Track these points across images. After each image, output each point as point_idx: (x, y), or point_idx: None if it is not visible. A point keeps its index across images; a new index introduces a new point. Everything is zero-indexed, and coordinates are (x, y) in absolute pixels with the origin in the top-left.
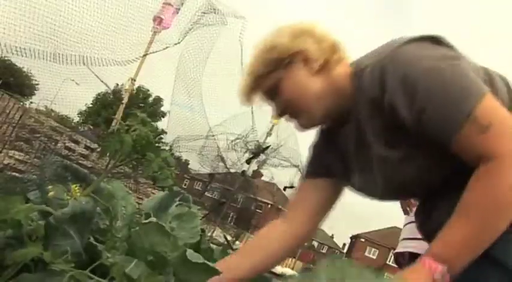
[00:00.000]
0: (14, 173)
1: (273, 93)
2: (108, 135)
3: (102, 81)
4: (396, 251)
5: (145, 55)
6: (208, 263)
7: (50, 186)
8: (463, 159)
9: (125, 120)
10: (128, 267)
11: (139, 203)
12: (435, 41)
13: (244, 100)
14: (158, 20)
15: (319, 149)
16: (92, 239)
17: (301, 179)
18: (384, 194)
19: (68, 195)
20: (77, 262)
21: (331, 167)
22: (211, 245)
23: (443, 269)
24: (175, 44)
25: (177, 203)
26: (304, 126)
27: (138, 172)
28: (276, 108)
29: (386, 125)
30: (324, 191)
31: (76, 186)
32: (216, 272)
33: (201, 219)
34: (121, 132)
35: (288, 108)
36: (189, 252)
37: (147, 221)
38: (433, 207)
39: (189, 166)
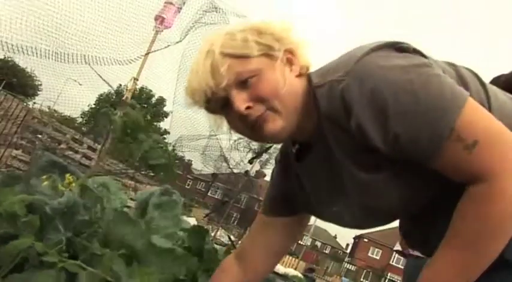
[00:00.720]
0: (15, 172)
1: (243, 82)
2: (97, 115)
3: (104, 80)
4: (395, 248)
5: (147, 54)
6: (175, 247)
7: (44, 176)
8: (449, 178)
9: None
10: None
11: (133, 200)
12: (398, 47)
13: (205, 84)
14: (160, 19)
15: (279, 181)
16: (71, 235)
17: (261, 212)
18: (361, 221)
19: (62, 184)
20: (67, 253)
21: (293, 200)
22: (215, 245)
23: None
24: (177, 42)
25: (159, 194)
26: (275, 130)
27: (137, 170)
28: (238, 105)
29: (357, 148)
30: (286, 230)
31: (70, 175)
32: (187, 258)
33: (203, 219)
34: (110, 113)
35: (256, 105)
36: (155, 238)
37: (113, 210)
38: (429, 227)
39: (192, 167)
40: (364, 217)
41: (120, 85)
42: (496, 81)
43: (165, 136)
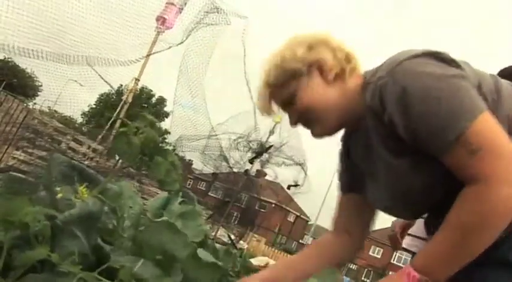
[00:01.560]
0: (18, 174)
1: (289, 103)
2: (116, 136)
3: (105, 81)
4: (402, 246)
5: (148, 55)
6: (216, 261)
7: (58, 188)
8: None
9: (129, 120)
10: (135, 267)
11: (144, 204)
12: (438, 57)
13: (263, 110)
14: (161, 20)
15: (344, 161)
16: (99, 240)
17: (339, 193)
18: (389, 204)
19: (76, 196)
20: (84, 263)
21: (356, 179)
22: (215, 244)
23: (421, 279)
24: (179, 43)
25: (181, 200)
26: (319, 135)
27: (142, 173)
28: (292, 117)
29: (390, 136)
30: (360, 205)
31: (83, 188)
32: (224, 271)
33: (206, 220)
34: (128, 134)
35: (303, 117)
36: (200, 251)
37: (157, 220)
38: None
39: (193, 166)
40: (391, 199)
41: (121, 85)
42: (503, 72)
43: (165, 136)
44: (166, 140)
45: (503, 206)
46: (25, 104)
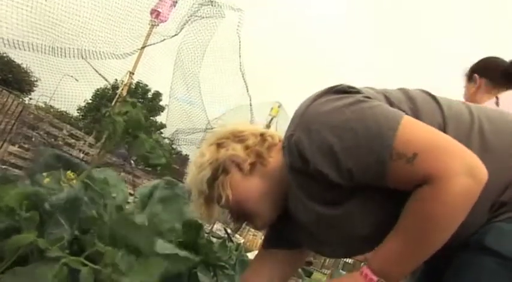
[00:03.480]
0: (13, 169)
1: (221, 204)
2: (101, 118)
3: (100, 75)
4: None
5: (143, 48)
6: (178, 252)
7: (45, 173)
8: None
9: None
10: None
11: (132, 195)
12: (336, 90)
13: (208, 219)
14: (155, 13)
15: (275, 223)
16: (76, 231)
17: (261, 246)
18: (344, 251)
19: (63, 180)
20: (69, 250)
21: (294, 238)
22: (211, 238)
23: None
24: (173, 35)
25: (163, 187)
26: (260, 227)
27: (130, 160)
28: (232, 216)
29: (324, 187)
30: (285, 260)
31: (71, 172)
32: (190, 261)
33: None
34: (112, 115)
35: (240, 214)
36: (160, 243)
37: (120, 213)
38: None
39: (189, 161)
40: (345, 248)
41: (116, 80)
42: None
43: (161, 130)
44: (163, 134)
45: (460, 197)
46: (20, 99)
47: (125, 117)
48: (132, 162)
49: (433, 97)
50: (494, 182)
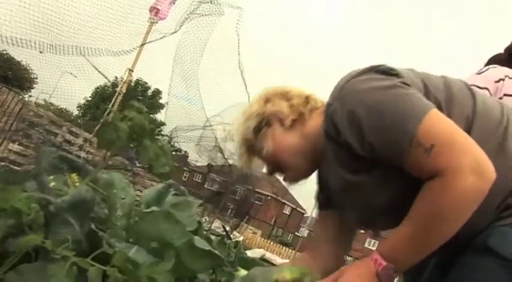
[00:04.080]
0: (13, 166)
1: (260, 155)
2: (103, 125)
3: (99, 72)
4: None
5: (142, 45)
6: (213, 250)
7: (51, 177)
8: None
9: (122, 111)
10: (129, 253)
11: (138, 195)
12: (377, 70)
13: (247, 167)
14: (155, 11)
15: (319, 182)
16: (92, 226)
17: (317, 208)
18: (365, 221)
19: (67, 184)
20: (77, 250)
21: (331, 198)
22: (210, 236)
23: (388, 267)
24: (173, 33)
25: (173, 192)
26: (292, 180)
27: (135, 162)
28: (268, 167)
29: (351, 157)
30: (338, 221)
31: (75, 175)
32: (220, 260)
33: (198, 207)
34: (116, 122)
35: (275, 166)
36: (197, 239)
37: (151, 209)
38: None
39: (189, 159)
40: (366, 217)
41: (116, 78)
42: (497, 56)
43: (161, 128)
44: (162, 132)
45: (467, 194)
46: (20, 96)
47: (129, 124)
48: (137, 162)
49: (470, 89)
50: (503, 184)
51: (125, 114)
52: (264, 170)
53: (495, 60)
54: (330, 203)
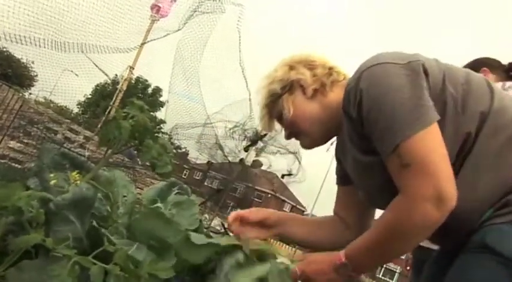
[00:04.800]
0: (13, 163)
1: (280, 119)
2: (106, 122)
3: (100, 69)
4: None
5: (143, 43)
6: (210, 240)
7: (52, 174)
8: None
9: (123, 109)
10: (129, 251)
11: (139, 193)
12: (403, 65)
13: (267, 129)
14: (156, 8)
15: (337, 156)
16: (94, 223)
17: (336, 183)
18: (371, 199)
19: (68, 182)
20: (78, 248)
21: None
22: (210, 233)
23: (345, 264)
24: (176, 31)
25: (176, 191)
26: (306, 147)
27: (136, 159)
28: (285, 132)
29: (360, 136)
30: (355, 196)
31: (76, 173)
32: (218, 247)
33: (199, 205)
34: (118, 119)
35: (292, 131)
36: (193, 235)
37: (148, 207)
38: None
39: (189, 156)
40: (371, 195)
41: (116, 75)
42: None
43: (161, 125)
44: (162, 130)
45: (421, 220)
46: (20, 94)
47: (131, 122)
48: (138, 160)
49: (490, 86)
50: (503, 181)
51: (127, 112)
52: (283, 133)
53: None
54: (347, 178)
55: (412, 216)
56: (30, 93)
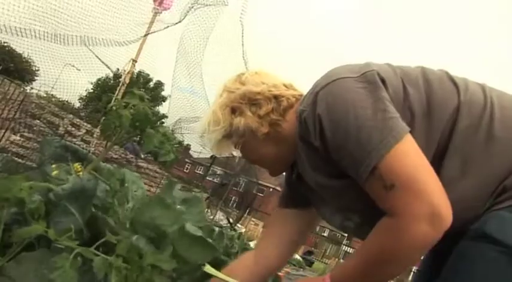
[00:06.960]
0: (15, 158)
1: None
2: (107, 112)
3: (102, 62)
4: None
5: (146, 35)
6: (206, 239)
7: (53, 166)
8: None
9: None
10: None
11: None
12: (363, 78)
13: (217, 152)
14: (158, 1)
15: (289, 181)
16: (95, 211)
17: (276, 206)
18: (341, 221)
19: (70, 173)
20: (79, 239)
21: (301, 195)
22: (213, 227)
23: None
24: (177, 22)
25: (180, 186)
26: (271, 175)
27: (140, 155)
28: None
29: (326, 162)
30: (296, 220)
31: (78, 164)
32: (214, 249)
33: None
34: (118, 109)
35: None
36: (188, 225)
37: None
38: None
39: (191, 151)
40: (341, 217)
41: (118, 69)
42: None
43: (163, 120)
44: (164, 124)
45: (416, 241)
46: (22, 88)
47: (132, 111)
48: (142, 155)
49: (451, 78)
50: (498, 167)
51: (128, 102)
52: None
53: None
54: (294, 202)
55: (407, 239)
56: (31, 88)
